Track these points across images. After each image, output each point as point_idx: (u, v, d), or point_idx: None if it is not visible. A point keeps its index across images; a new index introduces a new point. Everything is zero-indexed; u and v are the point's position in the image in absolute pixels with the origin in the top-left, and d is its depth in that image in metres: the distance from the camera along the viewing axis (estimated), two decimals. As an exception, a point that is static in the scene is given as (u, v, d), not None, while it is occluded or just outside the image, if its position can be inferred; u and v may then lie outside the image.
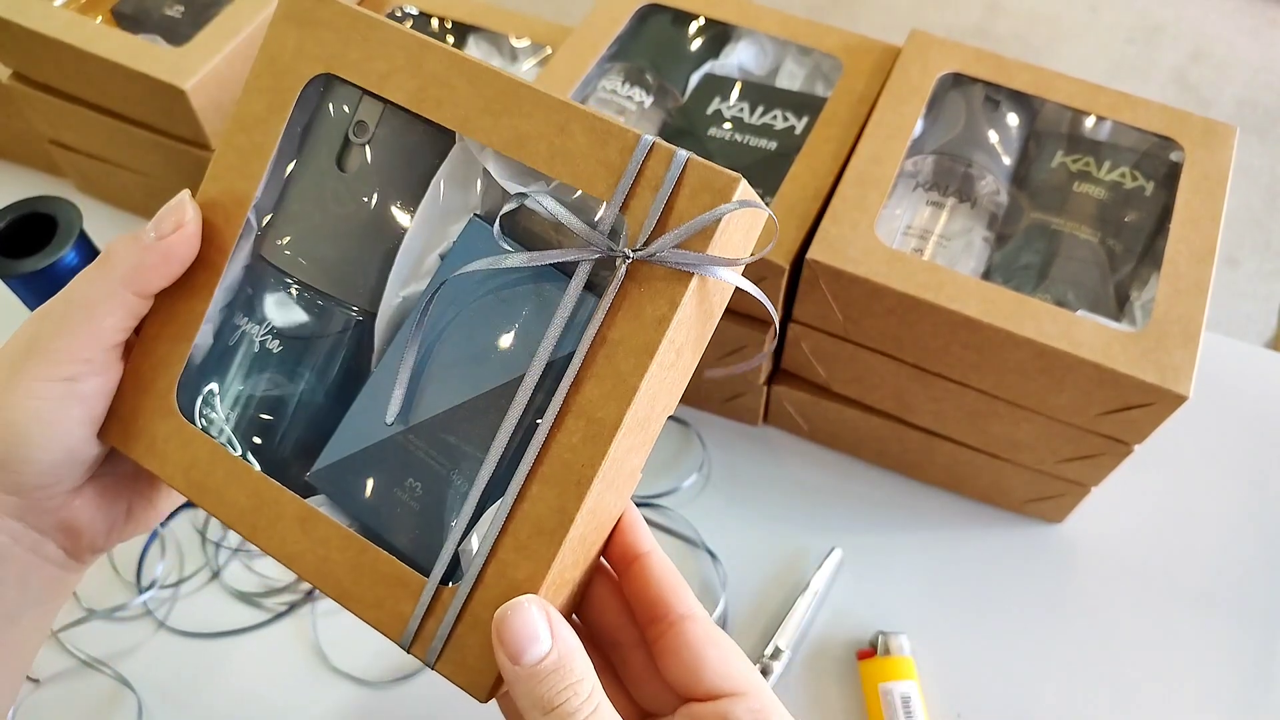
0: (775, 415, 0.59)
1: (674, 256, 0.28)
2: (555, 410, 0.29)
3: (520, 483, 0.29)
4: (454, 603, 0.30)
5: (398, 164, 0.34)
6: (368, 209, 0.34)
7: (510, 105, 0.30)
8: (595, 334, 0.29)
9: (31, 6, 0.57)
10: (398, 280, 0.34)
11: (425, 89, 0.31)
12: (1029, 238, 0.51)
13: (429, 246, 0.34)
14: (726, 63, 0.59)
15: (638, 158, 0.29)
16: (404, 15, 0.65)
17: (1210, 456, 0.59)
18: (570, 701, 0.27)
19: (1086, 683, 0.52)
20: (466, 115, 0.31)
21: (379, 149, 0.34)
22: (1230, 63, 1.79)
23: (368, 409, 0.33)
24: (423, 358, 0.33)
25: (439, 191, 0.34)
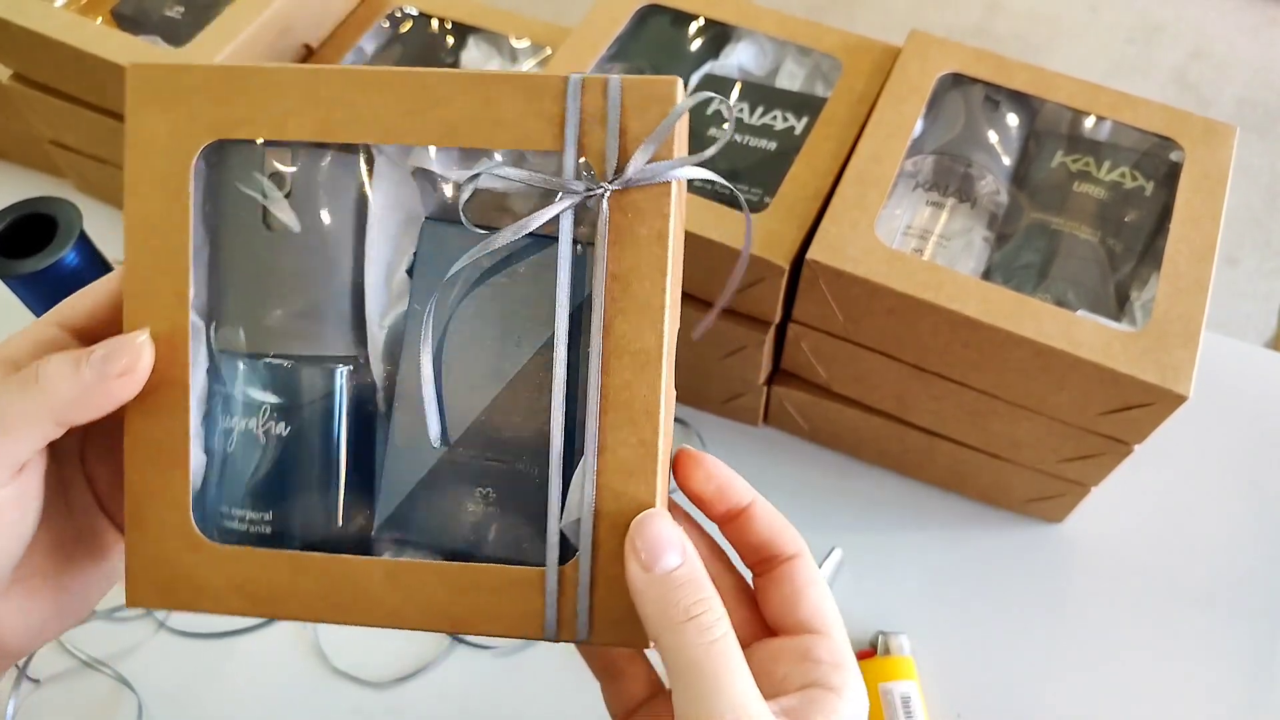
0: (775, 415, 0.59)
1: (649, 173, 0.29)
2: (598, 357, 0.29)
3: (595, 439, 0.29)
4: (581, 575, 0.30)
5: (328, 202, 0.32)
6: (314, 257, 0.32)
7: (426, 98, 0.30)
8: (605, 273, 0.29)
9: (31, 7, 0.57)
10: (376, 313, 0.33)
11: (330, 116, 0.30)
12: (1029, 237, 0.51)
13: (393, 269, 0.33)
14: (726, 63, 0.59)
15: (574, 98, 0.29)
16: (403, 16, 0.65)
17: (1210, 456, 0.59)
18: (707, 615, 0.27)
19: (1086, 682, 0.52)
20: (385, 125, 0.30)
21: (303, 194, 0.32)
22: (1230, 62, 1.79)
23: (406, 443, 0.32)
24: (439, 371, 0.32)
25: (380, 212, 0.32)
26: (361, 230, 0.32)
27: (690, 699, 0.26)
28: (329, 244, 0.32)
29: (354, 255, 0.32)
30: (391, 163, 0.32)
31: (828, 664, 0.28)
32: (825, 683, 0.28)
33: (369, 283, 0.32)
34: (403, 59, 0.64)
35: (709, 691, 0.26)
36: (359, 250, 0.32)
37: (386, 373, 0.33)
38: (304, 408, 0.33)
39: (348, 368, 0.33)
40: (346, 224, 0.32)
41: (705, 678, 0.26)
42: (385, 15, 0.64)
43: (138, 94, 0.30)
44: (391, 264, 0.33)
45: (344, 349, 0.33)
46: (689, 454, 0.32)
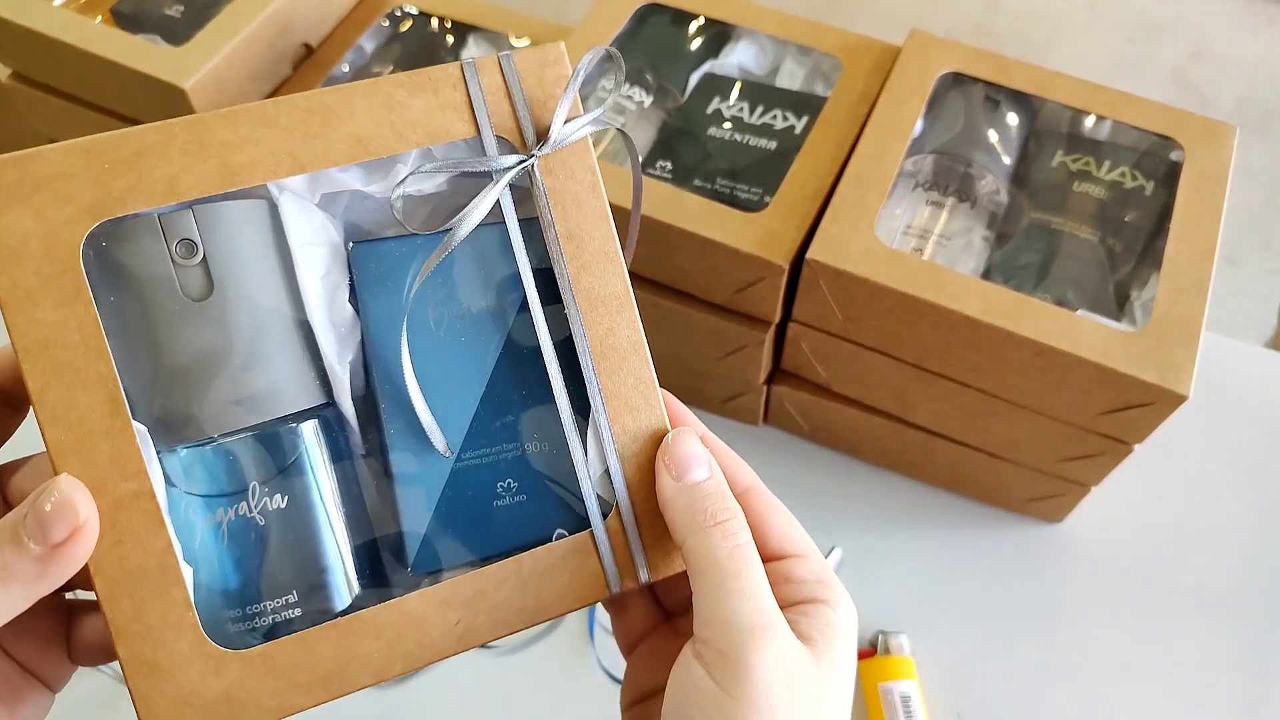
0: (775, 415, 0.59)
1: (569, 131, 0.30)
2: (577, 313, 0.30)
3: (598, 389, 0.31)
4: (625, 522, 0.31)
5: (248, 254, 0.30)
6: (249, 316, 0.29)
7: (325, 118, 0.29)
8: (555, 236, 0.30)
9: (31, 6, 0.57)
10: (333, 353, 0.31)
11: (227, 163, 0.28)
12: (1029, 237, 0.51)
13: (333, 303, 0.31)
14: (726, 62, 0.59)
15: (474, 82, 0.30)
16: (403, 15, 0.65)
17: (1210, 456, 0.59)
18: (732, 521, 0.29)
19: (1086, 681, 0.52)
20: (292, 156, 0.29)
21: (219, 255, 0.29)
22: (1230, 61, 1.79)
23: (411, 472, 0.31)
24: (424, 382, 0.31)
25: (303, 251, 0.30)
26: (289, 274, 0.30)
27: (713, 597, 0.27)
28: (261, 298, 0.30)
29: (290, 301, 0.30)
30: (297, 197, 0.31)
31: (811, 582, 0.29)
32: (813, 597, 0.29)
33: (317, 325, 0.30)
34: (402, 58, 0.64)
35: (732, 590, 0.27)
36: (294, 295, 0.30)
37: (361, 410, 0.31)
38: (291, 473, 0.30)
39: (320, 418, 0.31)
40: (273, 271, 0.30)
41: (728, 577, 0.27)
42: (385, 14, 0.64)
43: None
44: (331, 299, 0.31)
45: (311, 399, 0.30)
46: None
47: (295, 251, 0.30)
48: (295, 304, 0.31)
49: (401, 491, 0.31)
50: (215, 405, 0.29)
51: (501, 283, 0.32)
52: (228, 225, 0.29)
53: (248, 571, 0.30)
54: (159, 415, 0.29)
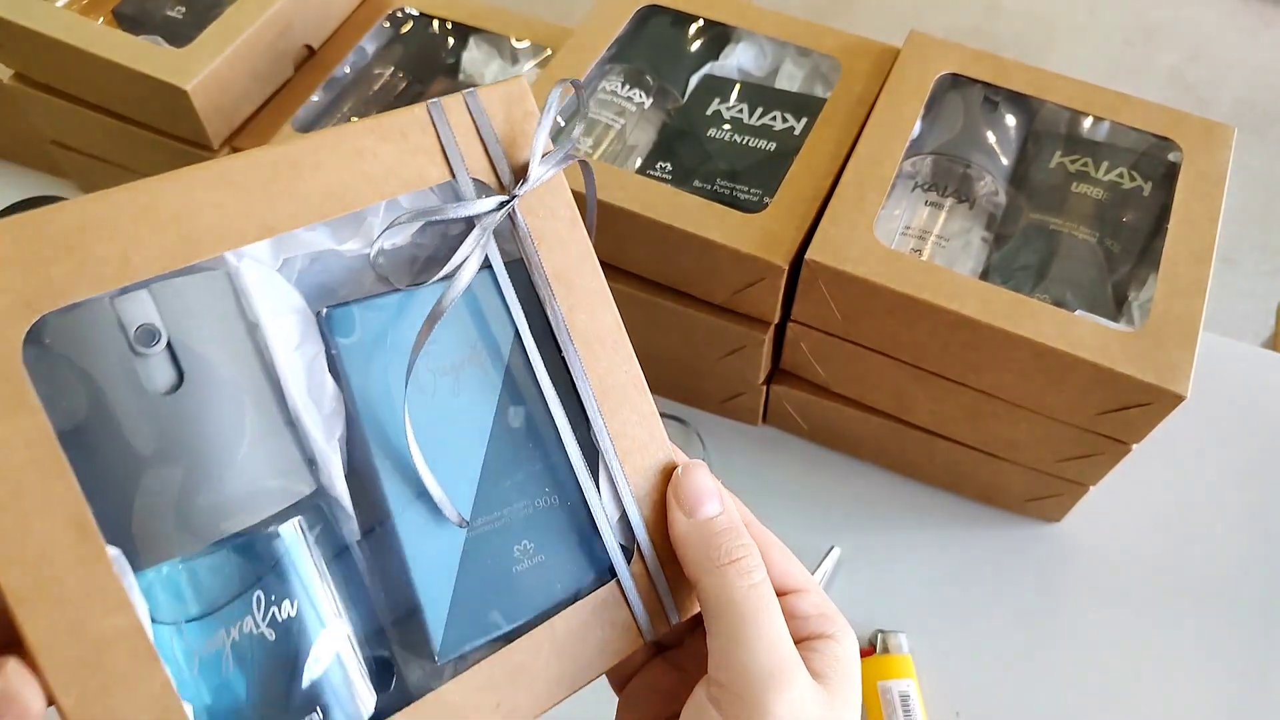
0: (775, 415, 0.59)
1: (547, 168, 0.29)
2: (576, 354, 0.30)
3: (605, 431, 0.30)
4: (650, 565, 0.30)
5: (216, 335, 0.26)
6: (225, 407, 0.26)
7: (292, 173, 0.26)
8: (544, 277, 0.30)
9: (33, 7, 0.57)
10: (320, 431, 0.28)
11: (186, 232, 0.25)
12: (1027, 238, 0.51)
13: (313, 376, 0.28)
14: (726, 64, 0.59)
15: (442, 124, 0.29)
16: (404, 16, 0.65)
17: (1208, 456, 0.59)
18: (747, 559, 0.28)
19: (1084, 681, 0.52)
20: (258, 219, 0.26)
21: (185, 338, 0.25)
22: (1228, 63, 1.79)
23: (425, 545, 0.28)
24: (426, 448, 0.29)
25: (274, 324, 0.27)
26: (258, 350, 0.27)
27: (730, 639, 0.27)
28: (237, 382, 0.26)
29: (267, 381, 0.27)
30: (258, 263, 0.27)
31: (815, 616, 0.29)
32: (820, 632, 0.29)
33: (298, 402, 0.27)
34: (403, 59, 0.64)
35: (750, 635, 0.27)
36: (270, 374, 0.27)
37: (358, 488, 0.29)
38: (281, 578, 0.27)
39: (312, 508, 0.28)
40: (244, 350, 0.27)
41: (745, 619, 0.27)
42: (386, 16, 0.64)
43: None
44: (310, 372, 0.28)
45: (300, 490, 0.27)
46: None
47: (265, 324, 0.27)
48: (271, 384, 0.27)
49: (416, 573, 0.28)
50: (198, 513, 0.25)
51: (490, 331, 0.30)
52: (191, 303, 0.26)
53: (277, 694, 0.26)
54: (133, 533, 0.24)
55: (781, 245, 0.47)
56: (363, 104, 0.62)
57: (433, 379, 0.29)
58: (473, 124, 0.29)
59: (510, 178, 0.30)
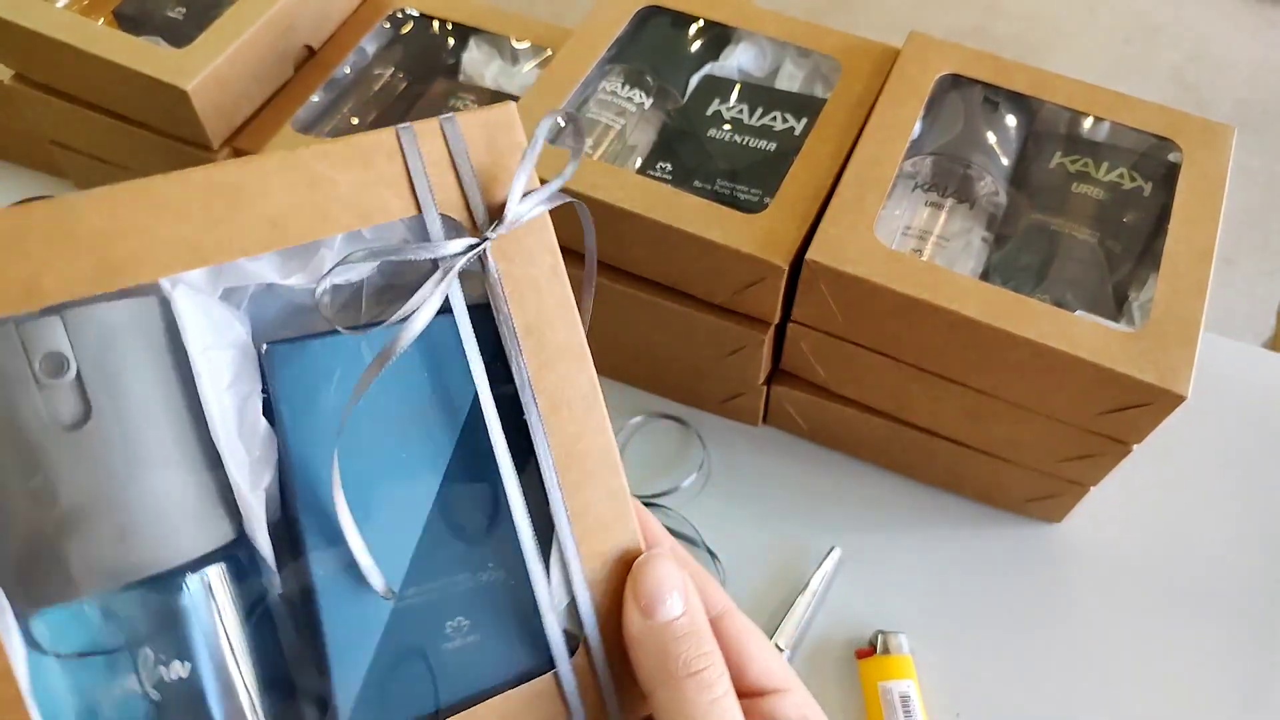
0: (775, 415, 0.59)
1: (527, 208, 0.26)
2: (539, 418, 0.26)
3: (563, 506, 0.26)
4: (596, 659, 0.27)
5: (133, 368, 0.24)
6: (135, 446, 0.24)
7: (233, 199, 0.24)
8: (513, 330, 0.26)
9: (33, 7, 0.57)
10: (244, 478, 0.26)
11: (105, 257, 0.23)
12: (1028, 238, 0.51)
13: (242, 417, 0.26)
14: (726, 64, 0.59)
15: (412, 152, 0.26)
16: (404, 17, 0.65)
17: (1209, 456, 0.59)
18: (709, 671, 0.25)
19: (1085, 682, 0.52)
20: (189, 244, 0.23)
21: (95, 370, 0.23)
22: (1229, 63, 1.79)
23: (345, 612, 0.26)
24: (356, 507, 0.26)
25: (203, 359, 0.25)
26: (188, 386, 0.25)
27: None
28: (151, 419, 0.24)
29: (190, 420, 0.25)
30: (194, 291, 0.25)
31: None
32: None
33: (223, 445, 0.25)
34: (403, 60, 0.64)
35: None
36: (195, 411, 0.25)
37: (281, 545, 0.26)
38: (186, 634, 0.25)
39: (229, 558, 0.26)
40: (166, 385, 0.25)
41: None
42: (386, 16, 0.64)
43: None
44: (240, 414, 0.26)
45: (217, 539, 0.25)
46: None
47: (194, 358, 0.25)
48: (196, 422, 0.25)
49: (331, 643, 0.26)
50: (94, 557, 0.23)
51: (447, 383, 0.27)
52: (107, 332, 0.24)
53: None
54: (20, 571, 0.23)
55: (782, 245, 0.47)
56: (363, 104, 0.62)
57: (377, 431, 0.27)
58: (447, 153, 0.26)
59: (485, 217, 0.26)
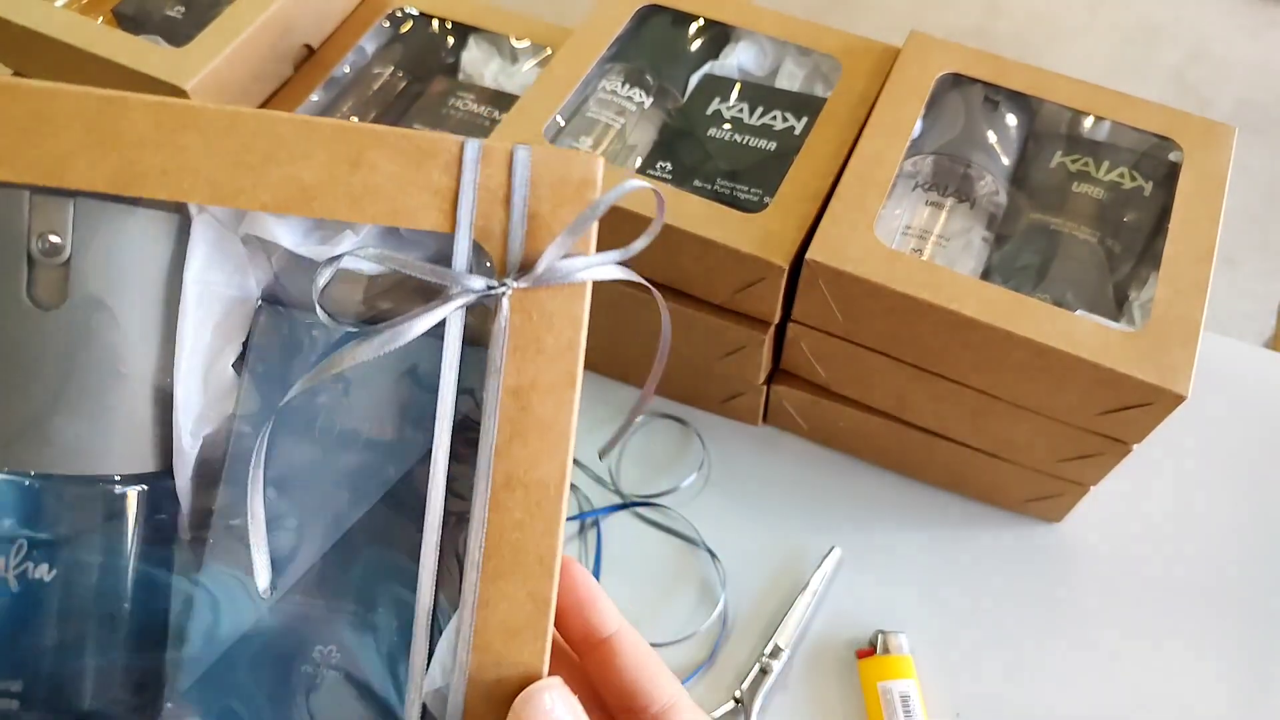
0: (775, 415, 0.59)
1: (563, 270, 0.24)
2: (486, 487, 0.24)
3: (474, 589, 0.24)
4: None
5: (122, 272, 0.24)
6: (96, 343, 0.24)
7: (272, 149, 0.23)
8: (499, 388, 0.24)
9: (32, 7, 0.57)
10: (186, 419, 0.25)
11: (135, 161, 0.23)
12: (1028, 238, 0.51)
13: (213, 362, 0.25)
14: (726, 63, 0.59)
15: (471, 169, 0.24)
16: (404, 16, 0.65)
17: (1209, 456, 0.59)
18: None
19: (1084, 681, 0.52)
20: (211, 179, 0.23)
21: (87, 265, 0.24)
22: (1229, 63, 1.79)
23: (224, 590, 0.25)
24: (276, 496, 0.25)
25: (196, 289, 0.25)
26: (170, 312, 0.25)
27: None
28: (121, 327, 0.24)
29: (158, 345, 0.25)
30: (215, 225, 0.25)
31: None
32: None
33: (179, 380, 0.25)
34: (403, 59, 0.64)
35: None
36: (166, 338, 0.25)
37: (198, 499, 0.26)
38: (76, 544, 0.25)
39: (140, 489, 0.26)
40: (149, 302, 0.25)
41: None
42: (385, 15, 0.64)
43: None
44: (211, 357, 0.25)
45: (138, 465, 0.25)
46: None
47: (187, 283, 0.25)
48: (164, 348, 0.25)
49: (201, 609, 0.25)
50: (29, 434, 0.24)
51: (416, 412, 0.26)
52: (113, 234, 0.24)
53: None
54: None
55: (782, 245, 0.47)
56: (362, 104, 0.62)
57: (331, 432, 0.25)
58: (506, 183, 0.24)
59: (517, 261, 0.24)
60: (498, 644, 0.24)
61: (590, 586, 0.26)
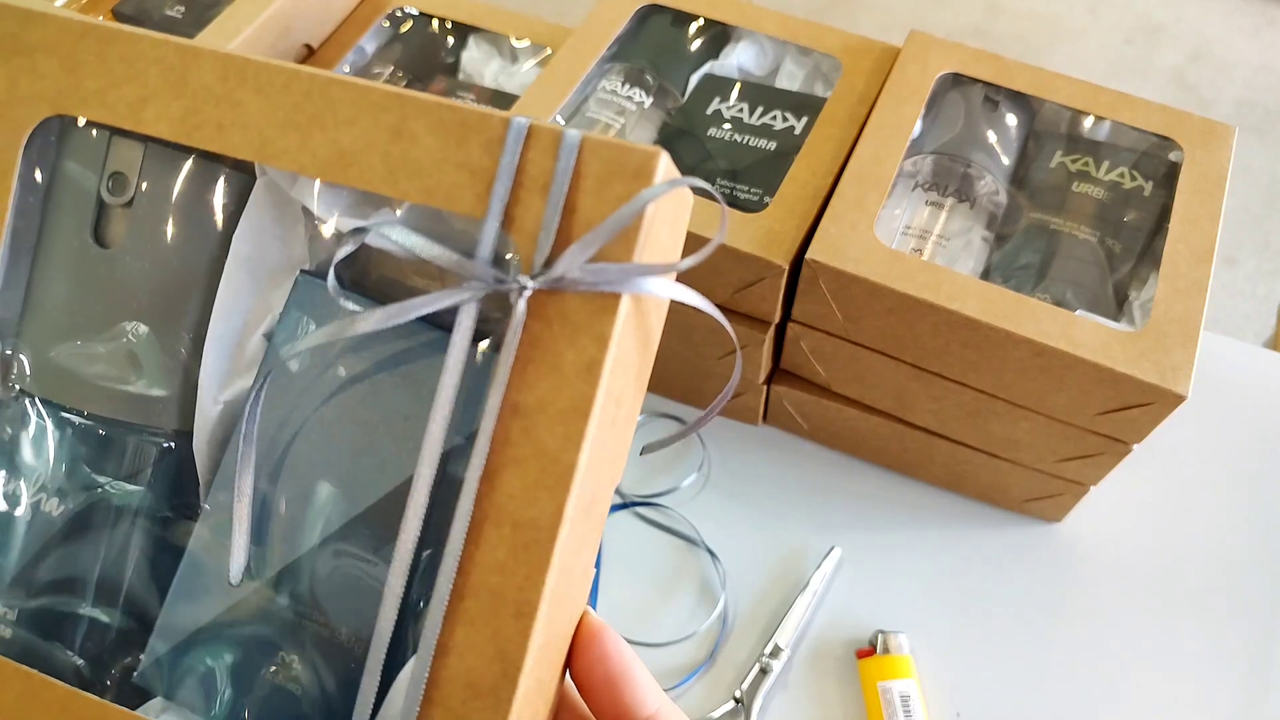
0: (775, 415, 0.59)
1: (590, 275, 0.21)
2: (465, 520, 0.21)
3: (435, 632, 0.21)
4: None
5: (179, 222, 0.25)
6: (149, 293, 0.25)
7: (320, 112, 0.23)
8: (500, 403, 0.21)
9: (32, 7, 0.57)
10: (212, 381, 0.25)
11: (197, 111, 0.23)
12: (1028, 237, 0.51)
13: (249, 327, 0.25)
14: (726, 63, 0.59)
15: (513, 151, 0.21)
16: (404, 16, 0.65)
17: (1209, 456, 0.59)
18: None
19: (1085, 681, 0.52)
20: (262, 136, 0.23)
21: (148, 207, 0.25)
22: (1229, 63, 1.79)
23: (201, 569, 0.24)
24: (268, 482, 0.24)
25: (245, 250, 0.25)
26: (217, 269, 0.25)
27: None
28: (174, 279, 0.25)
29: (201, 302, 0.25)
30: (275, 189, 0.25)
31: None
32: None
33: (210, 340, 0.25)
34: (403, 59, 0.64)
35: None
36: (210, 295, 0.25)
37: (210, 466, 0.25)
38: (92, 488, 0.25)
39: (167, 444, 0.25)
40: (201, 256, 0.25)
41: None
42: (385, 15, 0.64)
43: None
44: (249, 323, 0.25)
45: (170, 423, 0.25)
46: (587, 625, 0.23)
47: (234, 249, 0.25)
48: (203, 305, 0.25)
49: (178, 585, 0.24)
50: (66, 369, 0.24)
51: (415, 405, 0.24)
52: (178, 184, 0.25)
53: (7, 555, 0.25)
54: (24, 352, 0.25)
55: (782, 245, 0.47)
56: (362, 103, 0.62)
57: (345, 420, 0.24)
58: (551, 169, 0.21)
59: (545, 257, 0.21)
60: (455, 701, 0.21)
61: (625, 658, 0.23)
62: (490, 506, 0.21)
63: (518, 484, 0.21)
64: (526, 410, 0.21)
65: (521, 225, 0.21)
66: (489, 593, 0.21)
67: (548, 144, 0.21)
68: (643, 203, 0.21)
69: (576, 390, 0.21)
